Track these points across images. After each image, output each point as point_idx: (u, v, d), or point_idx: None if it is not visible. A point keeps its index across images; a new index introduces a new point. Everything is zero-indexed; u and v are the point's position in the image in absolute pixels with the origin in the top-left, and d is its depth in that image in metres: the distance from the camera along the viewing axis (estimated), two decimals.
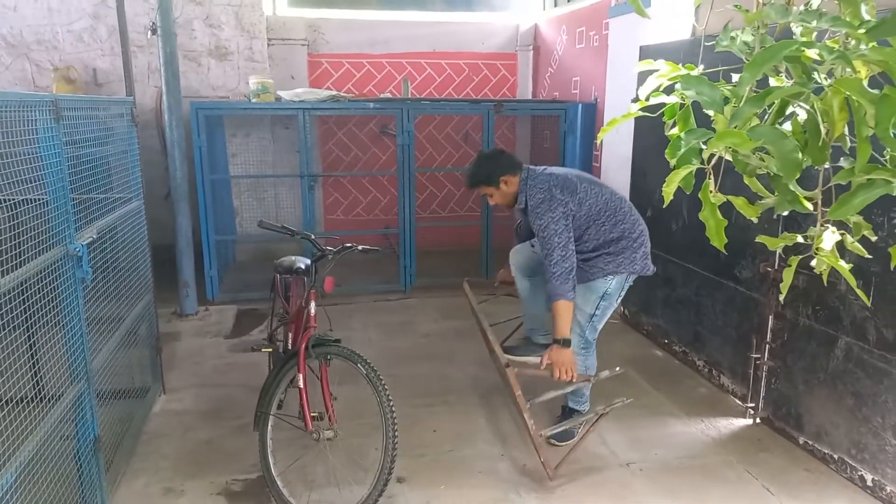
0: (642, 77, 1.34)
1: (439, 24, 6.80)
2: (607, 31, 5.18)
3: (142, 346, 3.55)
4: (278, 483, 2.74)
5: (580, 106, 5.56)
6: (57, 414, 2.26)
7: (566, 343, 2.91)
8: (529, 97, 6.97)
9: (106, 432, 2.79)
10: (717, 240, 1.11)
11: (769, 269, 3.29)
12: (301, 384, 2.67)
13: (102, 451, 2.64)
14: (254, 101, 5.28)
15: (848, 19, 1.13)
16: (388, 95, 6.45)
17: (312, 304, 2.83)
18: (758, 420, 3.47)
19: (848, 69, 1.10)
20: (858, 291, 1.20)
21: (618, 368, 3.17)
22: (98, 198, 2.85)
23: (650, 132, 4.38)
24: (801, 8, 1.22)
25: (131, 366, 3.38)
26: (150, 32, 4.55)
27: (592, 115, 5.55)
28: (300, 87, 5.91)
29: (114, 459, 2.88)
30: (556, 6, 6.65)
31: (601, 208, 3.04)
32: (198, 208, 5.16)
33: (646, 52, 4.39)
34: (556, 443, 3.24)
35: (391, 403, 2.63)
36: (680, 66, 1.25)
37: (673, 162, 1.13)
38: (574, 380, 2.94)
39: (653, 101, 1.25)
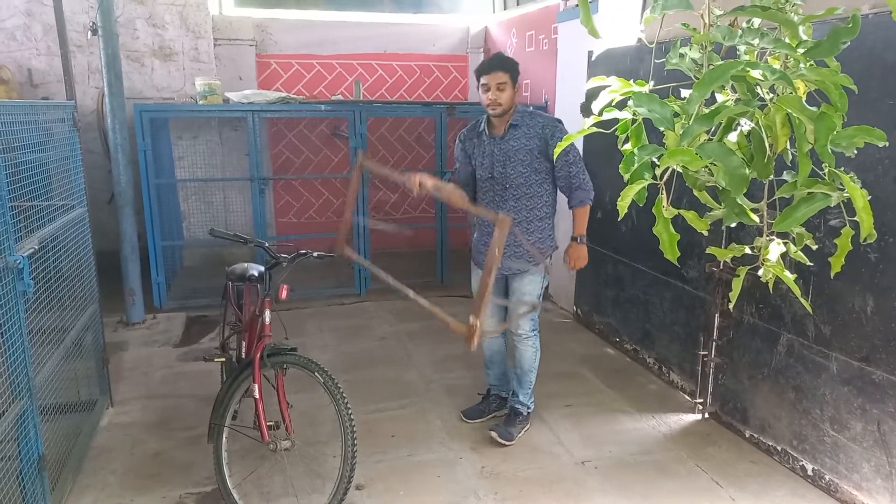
0: (591, 83, 1.37)
1: (389, 26, 6.78)
2: (556, 35, 5.27)
3: (87, 358, 3.42)
4: (234, 495, 2.69)
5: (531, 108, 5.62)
6: None
7: (583, 240, 3.28)
8: None
9: (51, 449, 2.68)
10: (671, 253, 1.15)
11: (714, 269, 3.41)
12: (257, 394, 2.63)
13: (47, 469, 2.54)
14: (200, 102, 5.15)
15: (787, 40, 1.18)
16: (340, 97, 6.40)
17: (267, 313, 2.79)
18: (706, 415, 3.59)
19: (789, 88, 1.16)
20: (803, 301, 1.26)
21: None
22: (40, 206, 2.74)
23: (599, 137, 4.46)
24: (744, 26, 1.27)
25: (77, 378, 3.26)
26: (90, 32, 4.39)
27: None
28: (248, 89, 5.81)
29: (59, 477, 2.78)
30: (505, 9, 6.72)
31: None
32: (143, 213, 5.01)
33: (594, 57, 4.48)
34: (505, 442, 3.26)
35: (350, 412, 2.61)
36: (631, 81, 1.28)
37: (626, 177, 1.17)
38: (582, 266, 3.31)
39: (606, 115, 1.28)
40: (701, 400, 3.61)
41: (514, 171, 3.17)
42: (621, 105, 1.31)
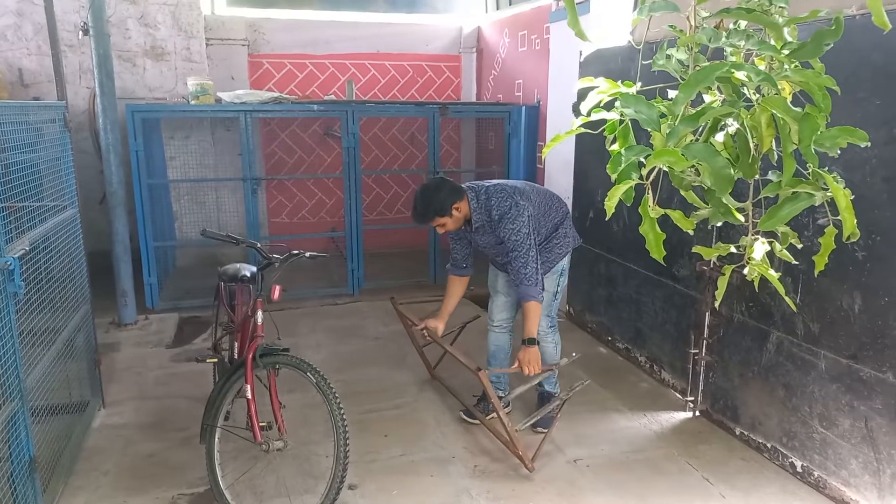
0: (580, 84, 1.39)
1: (382, 26, 6.78)
2: (549, 35, 5.28)
3: (79, 359, 3.41)
4: (227, 496, 2.69)
5: (524, 108, 5.65)
6: None
7: (533, 342, 3.13)
8: (473, 99, 7.04)
9: (42, 451, 2.68)
10: (657, 252, 1.16)
11: (705, 268, 3.43)
12: (249, 395, 2.63)
13: (39, 471, 2.54)
14: (193, 102, 5.14)
15: (772, 42, 1.20)
16: (333, 97, 6.40)
17: (259, 313, 2.79)
18: (697, 413, 3.61)
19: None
20: (787, 299, 1.28)
21: (574, 354, 3.48)
22: (31, 207, 2.73)
23: (591, 137, 4.48)
24: (730, 27, 1.29)
25: (68, 379, 3.25)
26: (81, 32, 4.37)
27: (535, 117, 5.64)
28: (241, 89, 5.80)
29: (51, 479, 2.77)
30: (498, 9, 6.74)
31: (543, 202, 3.33)
32: (135, 214, 4.99)
33: (585, 57, 4.50)
34: (542, 430, 3.36)
35: (342, 412, 2.62)
36: (619, 83, 1.29)
37: (614, 177, 1.18)
38: (540, 371, 3.16)
39: (594, 116, 1.29)
40: (692, 398, 3.63)
41: (495, 251, 3.33)
42: (609, 106, 1.32)
